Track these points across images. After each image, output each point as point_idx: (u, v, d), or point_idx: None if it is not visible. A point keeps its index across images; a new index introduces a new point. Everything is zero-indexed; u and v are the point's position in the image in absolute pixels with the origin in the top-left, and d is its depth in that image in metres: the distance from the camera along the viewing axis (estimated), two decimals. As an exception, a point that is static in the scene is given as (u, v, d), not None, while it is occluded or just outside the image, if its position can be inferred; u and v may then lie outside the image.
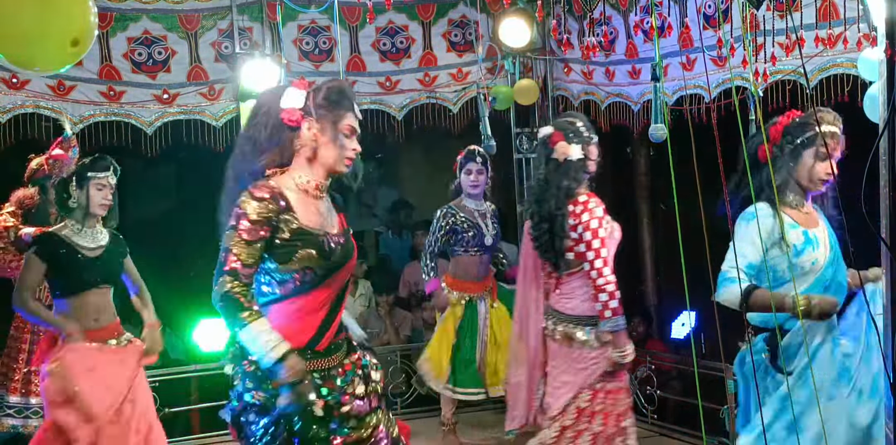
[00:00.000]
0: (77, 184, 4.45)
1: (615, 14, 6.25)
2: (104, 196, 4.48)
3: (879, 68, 2.70)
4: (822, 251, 3.56)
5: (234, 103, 6.38)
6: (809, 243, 3.53)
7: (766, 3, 4.65)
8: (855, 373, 3.44)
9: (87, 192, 4.44)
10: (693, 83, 5.59)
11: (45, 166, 5.23)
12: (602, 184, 9.00)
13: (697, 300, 4.14)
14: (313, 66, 6.60)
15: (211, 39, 6.36)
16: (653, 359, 6.50)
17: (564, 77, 6.94)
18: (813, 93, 4.76)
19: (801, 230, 3.53)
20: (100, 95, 6.12)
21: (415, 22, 6.84)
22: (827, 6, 4.66)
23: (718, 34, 5.01)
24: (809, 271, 3.52)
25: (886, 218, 2.71)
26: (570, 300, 4.35)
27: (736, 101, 3.89)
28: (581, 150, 4.33)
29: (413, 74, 6.85)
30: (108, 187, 4.49)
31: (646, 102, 6.13)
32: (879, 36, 2.73)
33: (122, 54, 6.17)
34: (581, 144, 4.33)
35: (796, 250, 3.51)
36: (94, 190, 4.45)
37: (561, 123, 4.38)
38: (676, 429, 6.12)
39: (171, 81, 6.28)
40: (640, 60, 6.15)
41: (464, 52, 6.91)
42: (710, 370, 5.57)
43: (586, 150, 4.35)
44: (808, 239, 3.53)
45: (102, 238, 4.57)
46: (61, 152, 5.26)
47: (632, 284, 8.90)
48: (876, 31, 3.41)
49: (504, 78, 7.01)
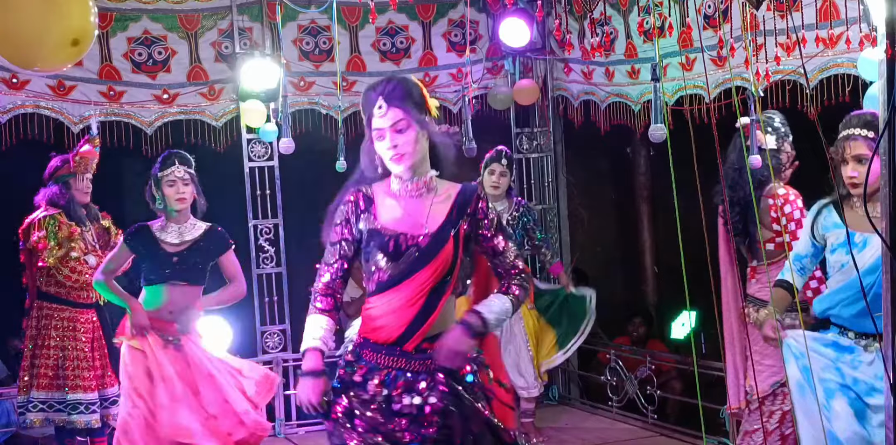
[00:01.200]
0: (155, 185, 4.71)
1: (615, 14, 6.25)
2: (177, 191, 4.67)
3: (879, 68, 2.71)
4: (863, 257, 3.49)
5: (234, 103, 6.38)
6: (845, 245, 3.53)
7: (766, 3, 4.64)
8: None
9: (161, 190, 4.69)
10: (693, 83, 5.59)
11: (72, 163, 5.31)
12: (602, 184, 9.07)
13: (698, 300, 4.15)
14: (313, 66, 6.59)
15: (211, 39, 6.36)
16: (653, 359, 6.50)
17: (564, 77, 6.94)
18: (813, 93, 4.75)
19: (843, 231, 3.54)
20: (100, 95, 6.12)
21: (415, 22, 6.84)
22: (827, 6, 4.65)
23: (718, 34, 5.00)
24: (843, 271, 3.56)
25: (886, 218, 2.72)
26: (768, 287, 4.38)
27: (736, 101, 3.91)
28: (775, 141, 4.53)
29: (413, 74, 6.84)
30: (179, 182, 4.68)
31: (646, 102, 6.13)
32: (879, 36, 2.73)
33: (122, 54, 6.17)
34: (776, 138, 4.54)
35: (832, 248, 3.64)
36: (167, 187, 4.68)
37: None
38: (676, 429, 6.12)
39: (171, 81, 6.28)
40: (639, 59, 6.15)
41: (464, 52, 6.91)
42: (710, 370, 5.57)
43: (780, 143, 4.55)
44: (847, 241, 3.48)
45: (190, 234, 4.73)
46: (90, 149, 5.38)
47: (632, 284, 8.91)
48: (876, 31, 3.40)
49: (504, 78, 7.01)
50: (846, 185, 3.59)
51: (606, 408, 6.70)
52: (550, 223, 7.21)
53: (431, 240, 3.03)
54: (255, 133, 6.43)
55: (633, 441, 6.13)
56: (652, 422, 6.28)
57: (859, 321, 3.53)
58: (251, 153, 6.52)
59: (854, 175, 3.53)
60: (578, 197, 7.86)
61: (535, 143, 7.22)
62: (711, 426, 5.51)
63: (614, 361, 6.65)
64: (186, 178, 4.70)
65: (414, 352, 3.03)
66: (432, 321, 3.03)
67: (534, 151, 7.24)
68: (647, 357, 6.51)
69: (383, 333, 3.05)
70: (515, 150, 7.19)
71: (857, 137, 3.54)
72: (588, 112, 6.73)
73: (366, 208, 3.08)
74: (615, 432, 6.31)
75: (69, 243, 5.21)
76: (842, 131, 3.61)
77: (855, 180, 3.53)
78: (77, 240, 5.25)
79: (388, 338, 3.04)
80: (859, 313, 3.51)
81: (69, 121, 6.02)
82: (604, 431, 6.33)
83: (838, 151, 3.60)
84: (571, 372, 7.14)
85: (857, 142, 3.54)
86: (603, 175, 9.04)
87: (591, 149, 8.45)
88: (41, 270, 5.27)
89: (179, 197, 4.68)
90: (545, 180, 7.24)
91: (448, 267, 3.04)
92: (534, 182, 7.23)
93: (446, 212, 3.07)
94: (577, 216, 7.83)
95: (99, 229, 5.49)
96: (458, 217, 3.07)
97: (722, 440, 5.53)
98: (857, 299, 3.47)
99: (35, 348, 5.32)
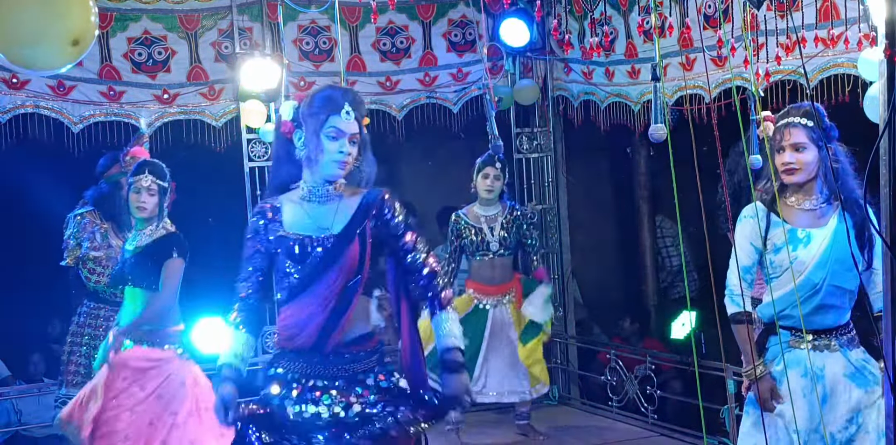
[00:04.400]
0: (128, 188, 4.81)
1: (615, 14, 6.25)
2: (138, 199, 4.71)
3: (879, 68, 2.70)
4: (809, 252, 3.53)
5: (234, 103, 6.38)
6: (791, 241, 3.53)
7: (766, 3, 4.64)
8: None
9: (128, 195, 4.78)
10: (693, 83, 5.59)
11: (123, 163, 5.37)
12: (602, 184, 9.06)
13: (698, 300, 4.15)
14: (313, 66, 6.59)
15: (211, 39, 6.36)
16: (653, 359, 6.50)
17: (564, 77, 6.93)
18: (813, 93, 4.75)
19: (786, 228, 3.54)
20: (100, 95, 6.12)
21: (415, 22, 6.83)
22: (827, 6, 4.65)
23: (719, 34, 5.00)
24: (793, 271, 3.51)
25: (886, 218, 2.71)
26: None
27: (736, 101, 3.90)
28: None
29: (413, 73, 6.85)
30: (144, 191, 4.71)
31: (646, 102, 6.13)
32: (879, 36, 2.73)
33: (122, 54, 6.17)
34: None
35: (775, 248, 3.57)
36: (133, 193, 4.74)
37: None
38: (676, 429, 6.12)
39: (171, 81, 6.28)
40: (639, 59, 6.15)
41: (464, 52, 6.91)
42: (711, 370, 5.56)
43: None
44: (792, 238, 3.53)
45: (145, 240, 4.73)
46: (140, 148, 5.46)
47: (632, 284, 8.91)
48: (876, 31, 3.41)
49: (504, 78, 7.01)
50: (779, 172, 3.60)
51: (606, 408, 6.69)
52: (550, 223, 7.20)
53: (336, 240, 3.08)
54: (255, 133, 6.43)
55: (633, 441, 6.12)
56: (652, 422, 6.28)
57: (816, 318, 3.55)
58: (251, 153, 6.51)
59: (791, 161, 3.56)
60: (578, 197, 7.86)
61: (535, 143, 7.22)
62: (711, 426, 5.51)
63: (614, 361, 6.65)
64: (153, 188, 4.72)
65: (332, 357, 3.07)
66: (346, 323, 3.07)
67: (534, 151, 7.23)
68: (646, 357, 6.51)
69: (300, 340, 3.08)
70: (515, 150, 7.18)
71: (797, 125, 3.58)
72: (588, 112, 6.73)
73: (273, 217, 3.14)
74: (615, 432, 6.30)
75: (90, 243, 5.28)
76: (780, 120, 3.64)
77: (792, 165, 3.56)
78: (103, 240, 5.32)
79: (305, 344, 3.07)
80: (815, 309, 3.54)
81: (69, 121, 6.02)
82: (604, 431, 6.32)
83: (775, 140, 3.62)
84: (571, 372, 7.14)
85: (797, 129, 3.57)
86: (603, 175, 9.05)
87: (591, 149, 8.45)
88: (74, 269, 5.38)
89: (139, 205, 4.72)
90: (545, 180, 7.23)
91: (356, 267, 3.07)
92: (534, 182, 7.23)
93: (351, 213, 3.12)
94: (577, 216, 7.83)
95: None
96: (363, 217, 3.12)
97: (722, 440, 5.53)
98: (812, 295, 3.51)
99: (72, 345, 5.40)
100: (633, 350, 7.00)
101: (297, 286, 3.08)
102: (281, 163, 3.19)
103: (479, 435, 6.12)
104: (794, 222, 3.58)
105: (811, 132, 3.55)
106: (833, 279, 3.52)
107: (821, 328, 3.57)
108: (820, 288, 3.53)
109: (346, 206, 3.13)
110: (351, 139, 3.09)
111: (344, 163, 3.08)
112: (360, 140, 3.12)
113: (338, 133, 3.07)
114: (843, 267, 3.48)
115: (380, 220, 3.13)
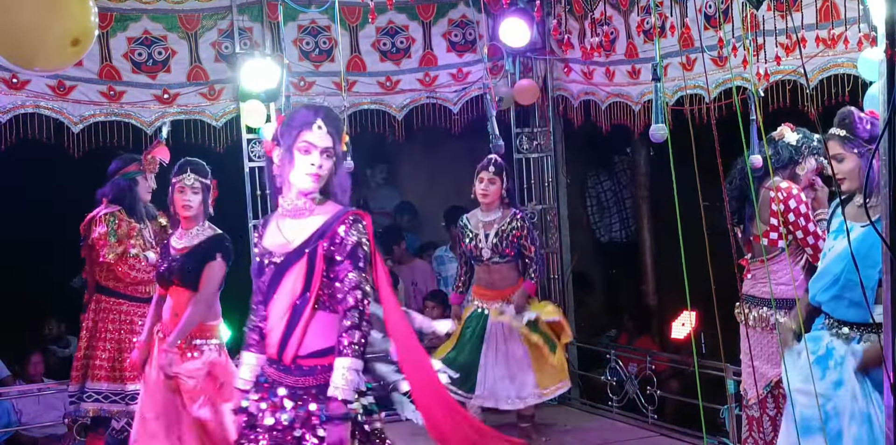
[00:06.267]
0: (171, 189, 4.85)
1: (615, 14, 6.24)
2: (182, 198, 4.77)
3: (879, 68, 2.71)
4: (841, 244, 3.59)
5: (234, 104, 6.38)
6: (838, 231, 3.64)
7: (766, 3, 4.64)
8: None
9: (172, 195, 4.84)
10: (693, 83, 5.59)
11: (145, 162, 5.52)
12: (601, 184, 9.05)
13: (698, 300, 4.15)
14: (313, 66, 6.59)
15: (211, 39, 6.36)
16: (653, 359, 6.51)
17: (564, 77, 6.93)
18: (813, 93, 4.76)
19: (839, 220, 3.64)
20: (100, 95, 6.12)
21: (415, 22, 6.83)
22: (827, 6, 4.65)
23: (719, 34, 5.00)
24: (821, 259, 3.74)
25: (886, 218, 2.72)
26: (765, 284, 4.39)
27: (737, 101, 3.91)
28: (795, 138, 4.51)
29: (413, 74, 6.85)
30: (188, 189, 4.77)
31: (646, 102, 6.13)
32: (879, 36, 2.74)
33: (122, 54, 6.16)
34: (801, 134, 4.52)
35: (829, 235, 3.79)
36: (176, 193, 4.79)
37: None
38: (676, 429, 6.12)
39: (171, 81, 6.28)
40: (640, 59, 6.14)
41: (464, 52, 6.91)
42: (711, 370, 5.56)
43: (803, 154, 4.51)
44: (839, 229, 3.62)
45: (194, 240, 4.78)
46: (163, 149, 5.62)
47: (632, 284, 8.92)
48: (876, 31, 3.41)
49: (504, 78, 7.01)
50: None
51: (606, 408, 6.70)
52: (550, 223, 7.20)
53: (286, 257, 3.20)
54: (255, 133, 6.43)
55: (633, 441, 6.12)
56: (652, 422, 6.28)
57: (838, 307, 3.64)
58: (251, 153, 6.51)
59: (836, 172, 3.65)
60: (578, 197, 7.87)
61: (535, 143, 7.22)
62: (711, 426, 5.51)
63: (614, 361, 6.65)
64: (197, 186, 4.76)
65: (292, 366, 3.19)
66: (303, 336, 3.17)
67: (534, 151, 7.23)
68: (646, 357, 6.51)
69: (269, 348, 3.27)
70: (515, 150, 7.18)
71: (832, 136, 3.67)
72: (588, 112, 6.72)
73: (261, 232, 3.36)
74: (615, 432, 6.30)
75: (128, 240, 5.35)
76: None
77: (838, 175, 3.65)
78: (137, 237, 5.39)
79: (272, 353, 3.26)
80: (833, 298, 3.64)
81: (69, 121, 6.02)
82: (604, 431, 6.32)
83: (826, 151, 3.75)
84: (571, 372, 7.12)
85: (832, 141, 3.67)
86: (602, 175, 9.05)
87: (591, 149, 8.46)
88: (101, 265, 5.39)
89: (185, 204, 4.76)
90: (545, 179, 7.23)
91: (304, 283, 3.16)
92: (534, 182, 7.22)
93: (310, 232, 3.20)
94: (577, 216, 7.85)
95: (156, 226, 5.63)
96: (318, 236, 3.18)
97: (722, 439, 5.53)
98: (832, 284, 3.63)
99: (91, 339, 5.42)
100: (632, 350, 7.00)
101: (261, 298, 3.30)
102: (273, 181, 3.32)
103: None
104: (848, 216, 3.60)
105: (844, 142, 3.63)
106: (851, 274, 3.54)
107: (845, 319, 3.64)
108: (838, 279, 3.61)
109: (313, 223, 3.22)
110: (324, 153, 3.17)
111: (316, 175, 3.17)
112: (335, 155, 3.20)
113: (309, 147, 3.16)
114: (864, 264, 3.43)
115: (329, 243, 3.17)
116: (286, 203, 3.25)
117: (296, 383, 3.17)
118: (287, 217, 3.25)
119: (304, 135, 3.16)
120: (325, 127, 3.17)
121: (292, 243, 3.20)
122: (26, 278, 7.30)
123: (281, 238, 3.23)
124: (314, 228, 3.19)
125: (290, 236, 3.22)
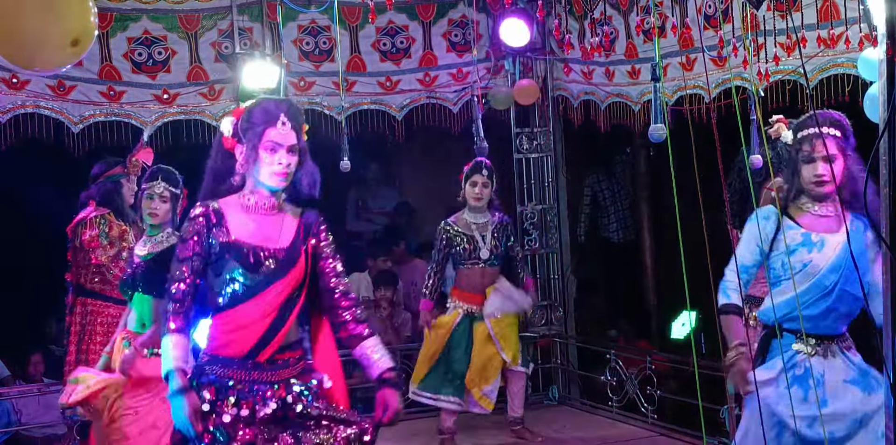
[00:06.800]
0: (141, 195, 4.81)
1: (615, 14, 6.25)
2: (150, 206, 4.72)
3: (879, 68, 2.71)
4: (824, 256, 3.53)
5: (234, 104, 6.37)
6: (805, 244, 3.54)
7: (766, 3, 4.64)
8: None
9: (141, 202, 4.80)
10: (693, 83, 5.59)
11: (129, 165, 5.50)
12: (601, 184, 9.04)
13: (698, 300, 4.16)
14: (313, 66, 6.59)
15: (211, 39, 6.35)
16: (652, 359, 6.50)
17: (564, 77, 6.93)
18: (813, 93, 4.75)
19: (800, 231, 3.56)
20: (100, 95, 6.11)
21: (415, 22, 6.83)
22: (827, 6, 4.65)
23: (719, 34, 5.00)
24: (804, 273, 3.53)
25: (886, 218, 2.71)
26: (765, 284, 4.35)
27: (736, 101, 3.91)
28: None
29: (413, 74, 6.85)
30: (157, 198, 4.72)
31: (646, 102, 6.13)
32: (879, 36, 2.73)
33: (122, 54, 6.16)
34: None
35: (789, 249, 3.55)
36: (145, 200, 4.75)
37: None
38: (676, 429, 6.12)
39: (171, 81, 6.27)
40: (640, 59, 6.14)
41: (464, 52, 6.91)
42: (711, 370, 5.56)
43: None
44: (806, 241, 3.54)
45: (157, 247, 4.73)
46: (146, 151, 5.59)
47: (632, 284, 8.91)
48: (876, 31, 3.41)
49: (504, 78, 7.01)
50: (809, 183, 3.57)
51: (606, 408, 6.70)
52: (550, 223, 7.21)
53: (286, 253, 3.19)
54: (254, 133, 6.42)
55: (633, 441, 6.12)
56: (652, 422, 6.28)
57: (825, 322, 3.55)
58: (251, 153, 6.50)
59: (824, 173, 3.52)
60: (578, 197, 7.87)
61: (535, 143, 7.22)
62: (711, 426, 5.51)
63: (614, 361, 6.65)
64: (165, 195, 4.73)
65: (266, 363, 3.16)
66: (284, 333, 3.17)
67: (534, 151, 7.23)
68: (646, 357, 6.51)
69: (235, 346, 3.15)
70: (515, 150, 7.19)
71: (829, 136, 3.54)
72: (588, 112, 6.73)
73: (217, 222, 3.18)
74: (615, 432, 6.31)
75: (120, 242, 5.35)
76: (803, 129, 3.60)
77: (824, 177, 3.52)
78: (128, 240, 5.38)
79: (240, 351, 3.15)
80: (824, 313, 3.54)
81: (69, 121, 6.01)
82: (604, 431, 6.32)
83: (803, 150, 3.58)
84: (571, 372, 7.14)
85: (830, 141, 3.54)
86: (602, 175, 9.05)
87: (591, 149, 8.46)
88: (88, 268, 5.40)
89: (151, 211, 4.73)
90: (545, 179, 7.23)
91: (300, 281, 3.20)
92: (534, 182, 7.23)
93: (294, 230, 3.23)
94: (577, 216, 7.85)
95: (137, 230, 5.56)
96: (305, 236, 3.24)
97: (722, 439, 5.53)
98: (823, 297, 3.52)
99: (81, 343, 5.44)
100: (633, 350, 6.99)
101: (241, 293, 3.15)
102: (219, 174, 3.27)
103: (475, 441, 6.11)
104: (808, 227, 3.57)
105: (840, 143, 3.55)
106: (845, 284, 3.51)
107: (825, 333, 3.58)
108: (831, 292, 3.53)
109: (290, 222, 3.24)
110: (289, 150, 3.17)
111: (284, 174, 3.17)
112: (299, 150, 3.20)
113: (275, 146, 3.15)
114: (853, 276, 3.42)
115: (316, 241, 3.26)
116: (250, 200, 3.21)
117: (271, 377, 3.15)
118: (260, 214, 3.21)
119: (269, 133, 3.14)
120: (289, 122, 3.16)
121: (280, 239, 3.20)
122: (26, 278, 7.30)
123: (262, 234, 3.19)
124: (294, 226, 3.23)
125: (272, 234, 3.20)
